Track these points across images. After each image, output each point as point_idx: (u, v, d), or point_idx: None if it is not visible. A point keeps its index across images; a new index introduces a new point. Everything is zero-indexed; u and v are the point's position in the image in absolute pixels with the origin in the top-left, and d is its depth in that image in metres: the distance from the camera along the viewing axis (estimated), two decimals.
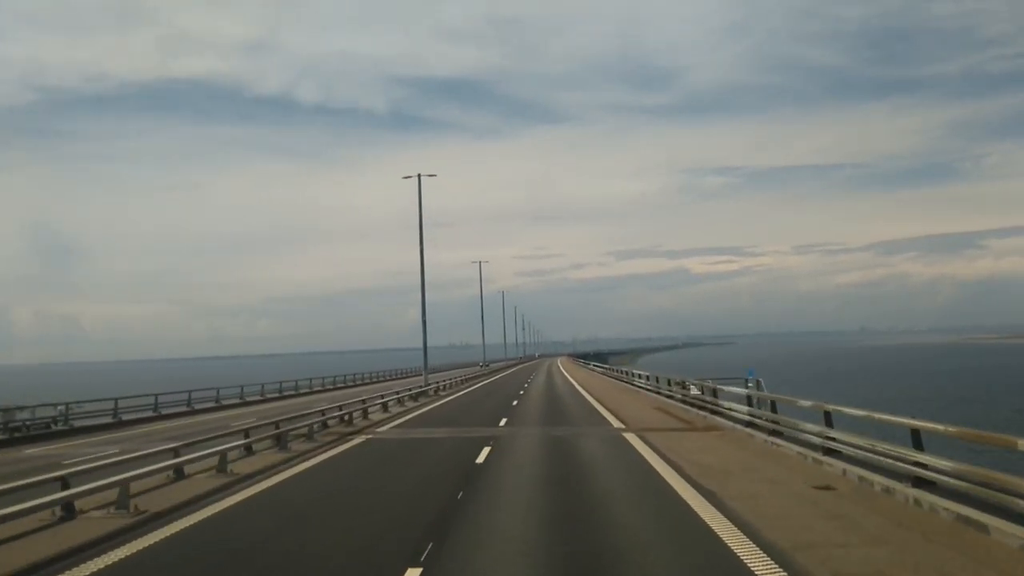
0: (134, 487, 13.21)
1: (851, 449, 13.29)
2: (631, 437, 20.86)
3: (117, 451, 20.30)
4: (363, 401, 31.14)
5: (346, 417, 27.84)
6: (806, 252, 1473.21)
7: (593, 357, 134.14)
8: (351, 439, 22.89)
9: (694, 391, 27.91)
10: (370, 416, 30.03)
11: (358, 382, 69.42)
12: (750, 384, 24.46)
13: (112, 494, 12.64)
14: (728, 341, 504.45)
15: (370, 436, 23.87)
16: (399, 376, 78.78)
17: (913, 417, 11.61)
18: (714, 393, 24.79)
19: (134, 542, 10.39)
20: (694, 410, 26.13)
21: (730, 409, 22.13)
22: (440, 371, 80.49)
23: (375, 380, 72.95)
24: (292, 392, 53.74)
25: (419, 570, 8.44)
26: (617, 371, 61.94)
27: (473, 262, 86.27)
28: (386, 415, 31.28)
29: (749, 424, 19.95)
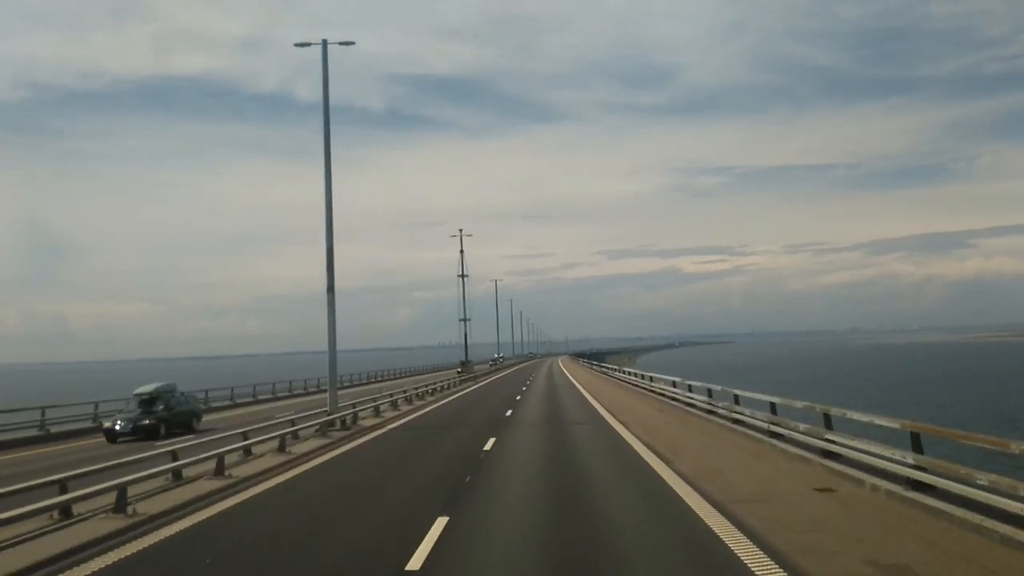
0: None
1: None
2: None
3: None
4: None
5: None
6: (797, 252, 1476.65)
7: (589, 356, 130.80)
8: None
9: None
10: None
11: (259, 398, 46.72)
12: None
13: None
14: (726, 341, 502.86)
15: None
16: (312, 391, 50.90)
17: None
18: None
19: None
20: None
21: None
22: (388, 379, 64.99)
23: (276, 397, 48.17)
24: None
25: None
26: (672, 390, 30.43)
27: (453, 235, 73.17)
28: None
29: None
